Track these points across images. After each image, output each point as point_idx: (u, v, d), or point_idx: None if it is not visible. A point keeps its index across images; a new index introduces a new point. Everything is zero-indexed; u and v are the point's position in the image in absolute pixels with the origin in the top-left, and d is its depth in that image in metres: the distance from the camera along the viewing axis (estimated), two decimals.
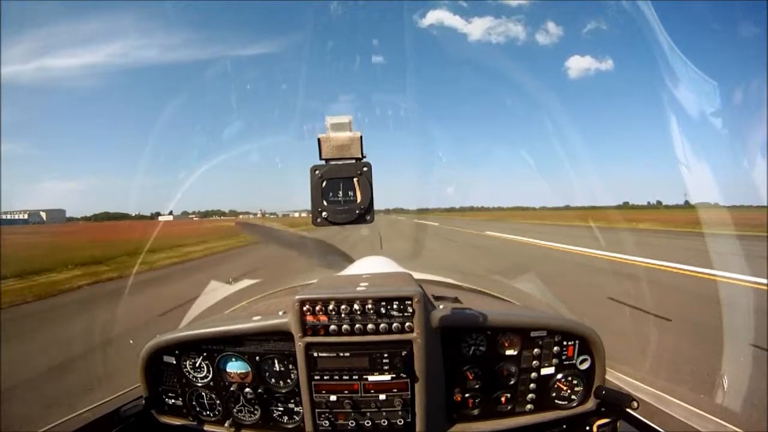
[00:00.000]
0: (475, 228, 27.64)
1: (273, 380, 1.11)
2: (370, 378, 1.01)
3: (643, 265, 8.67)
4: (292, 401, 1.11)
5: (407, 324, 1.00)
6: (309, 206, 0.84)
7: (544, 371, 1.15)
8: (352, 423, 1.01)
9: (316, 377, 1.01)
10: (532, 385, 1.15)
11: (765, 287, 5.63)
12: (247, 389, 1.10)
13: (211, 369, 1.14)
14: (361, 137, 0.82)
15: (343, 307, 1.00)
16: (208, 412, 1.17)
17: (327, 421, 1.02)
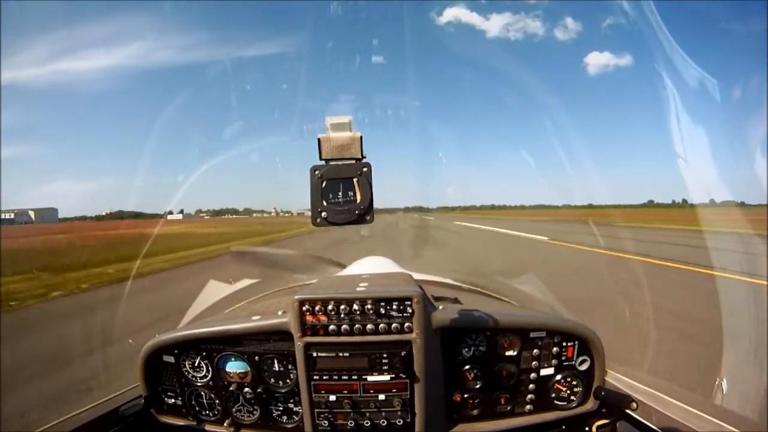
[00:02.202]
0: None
1: (272, 380, 1.12)
2: (370, 378, 1.01)
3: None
4: (292, 401, 1.11)
5: (407, 324, 1.00)
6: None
7: (544, 372, 1.15)
8: (351, 423, 1.01)
9: (315, 377, 1.01)
10: (531, 386, 1.15)
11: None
12: (247, 389, 1.10)
13: (210, 368, 1.14)
14: (361, 137, 0.82)
15: (342, 307, 1.00)
16: (207, 412, 1.17)
17: (326, 421, 1.02)
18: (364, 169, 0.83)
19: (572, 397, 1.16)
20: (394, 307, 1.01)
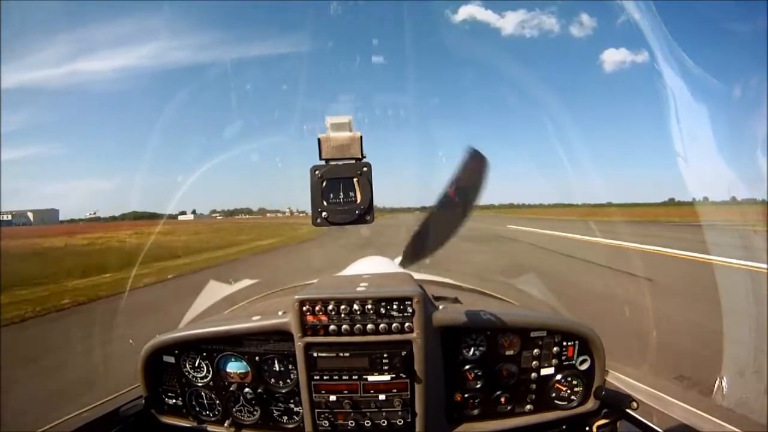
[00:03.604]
0: None
1: (273, 380, 1.12)
2: (370, 378, 1.01)
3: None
4: (292, 401, 1.11)
5: (407, 324, 1.00)
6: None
7: (544, 371, 1.15)
8: (351, 423, 1.01)
9: (315, 377, 1.01)
10: (532, 386, 1.15)
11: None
12: (247, 389, 1.10)
13: (210, 369, 1.14)
14: (361, 137, 0.83)
15: (342, 307, 1.00)
16: (207, 412, 1.17)
17: (327, 421, 1.02)
18: (364, 169, 0.83)
19: (572, 397, 1.16)
20: (395, 306, 1.01)
